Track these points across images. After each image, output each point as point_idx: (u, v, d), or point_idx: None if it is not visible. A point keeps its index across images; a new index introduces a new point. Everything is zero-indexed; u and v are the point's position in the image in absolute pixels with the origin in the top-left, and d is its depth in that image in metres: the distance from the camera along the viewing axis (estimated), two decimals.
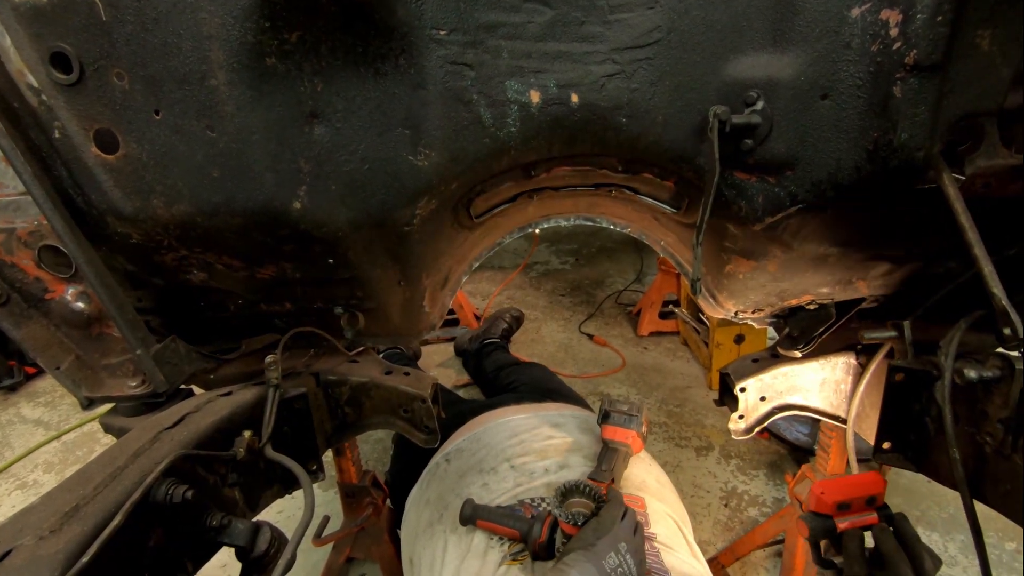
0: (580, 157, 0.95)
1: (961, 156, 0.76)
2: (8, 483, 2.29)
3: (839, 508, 0.94)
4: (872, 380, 1.21)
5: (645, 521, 1.09)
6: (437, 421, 1.24)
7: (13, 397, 2.83)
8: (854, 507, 0.95)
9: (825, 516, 0.95)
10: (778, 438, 2.18)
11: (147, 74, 0.75)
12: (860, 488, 0.95)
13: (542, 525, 0.96)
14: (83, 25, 0.72)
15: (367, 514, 1.58)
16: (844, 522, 0.94)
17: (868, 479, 0.96)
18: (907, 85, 0.69)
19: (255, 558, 0.79)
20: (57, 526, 0.65)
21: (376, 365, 1.28)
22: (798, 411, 1.32)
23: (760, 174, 0.83)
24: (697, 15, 0.75)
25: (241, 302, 1.11)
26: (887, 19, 0.67)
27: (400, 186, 0.85)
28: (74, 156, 0.81)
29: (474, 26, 0.75)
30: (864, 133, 0.75)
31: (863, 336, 1.13)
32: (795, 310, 1.16)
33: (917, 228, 0.91)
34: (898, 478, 2.02)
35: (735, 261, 1.01)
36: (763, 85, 0.76)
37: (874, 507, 0.95)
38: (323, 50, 0.76)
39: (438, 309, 1.26)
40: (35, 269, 0.92)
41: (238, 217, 0.85)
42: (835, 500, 0.94)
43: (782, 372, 1.27)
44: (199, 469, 0.83)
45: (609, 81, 0.79)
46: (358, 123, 0.80)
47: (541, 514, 0.98)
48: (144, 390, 1.01)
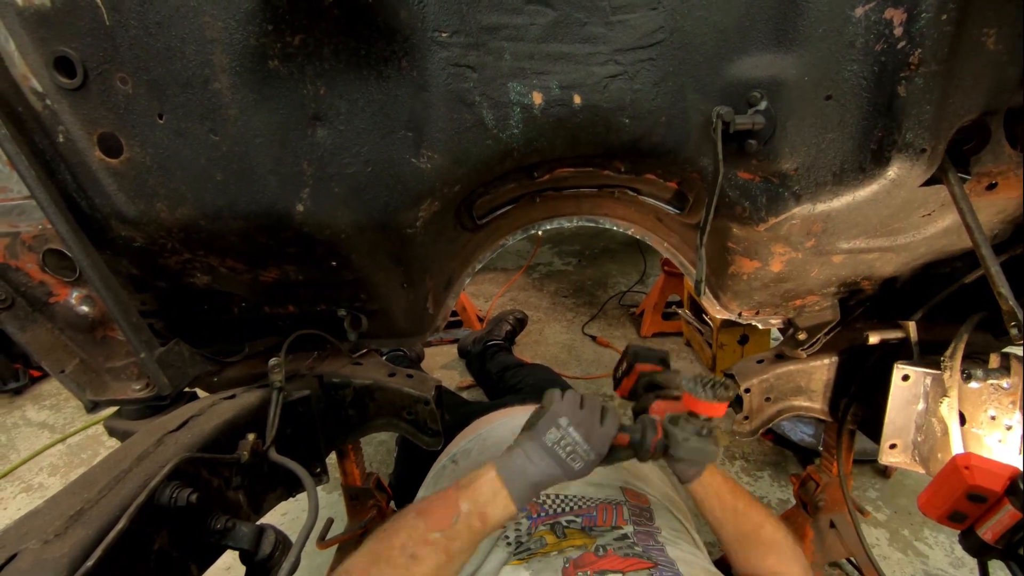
0: (583, 158, 0.95)
1: (967, 155, 0.76)
2: (13, 486, 2.29)
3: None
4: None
5: (649, 516, 1.08)
6: (441, 423, 1.23)
7: (18, 400, 2.84)
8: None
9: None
10: (783, 439, 2.17)
11: (150, 78, 0.75)
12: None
13: (655, 426, 0.97)
14: (87, 30, 0.73)
15: (371, 517, 1.58)
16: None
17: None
18: (912, 84, 0.68)
19: (259, 561, 0.79)
20: (62, 530, 0.65)
21: (379, 367, 1.28)
22: (803, 412, 1.31)
23: (764, 174, 0.82)
24: (700, 16, 0.74)
25: (244, 305, 1.12)
26: (891, 18, 0.67)
27: (403, 188, 0.85)
28: (78, 160, 0.81)
29: (476, 28, 0.75)
30: (868, 133, 0.74)
31: (868, 336, 1.13)
32: (800, 310, 1.15)
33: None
34: (904, 479, 2.01)
35: (739, 262, 1.01)
36: (766, 85, 0.75)
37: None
38: (326, 53, 0.76)
39: (441, 311, 1.26)
40: (39, 273, 0.93)
41: (241, 220, 0.85)
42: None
43: (787, 373, 1.26)
44: (203, 472, 0.83)
45: (612, 82, 0.78)
46: (361, 126, 0.81)
47: (649, 421, 0.98)
48: (148, 393, 1.02)
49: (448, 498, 0.87)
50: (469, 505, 0.86)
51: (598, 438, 0.92)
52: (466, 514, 0.85)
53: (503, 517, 0.87)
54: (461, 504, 0.86)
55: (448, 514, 0.85)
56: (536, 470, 0.89)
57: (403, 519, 0.86)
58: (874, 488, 1.99)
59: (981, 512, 0.78)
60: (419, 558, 0.81)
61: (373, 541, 0.84)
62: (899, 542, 1.79)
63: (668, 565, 0.93)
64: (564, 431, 0.90)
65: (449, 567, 0.84)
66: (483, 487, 0.88)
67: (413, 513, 0.86)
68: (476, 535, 0.86)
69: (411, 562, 0.81)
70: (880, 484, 2.00)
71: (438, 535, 0.83)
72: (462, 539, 0.85)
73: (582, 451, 0.90)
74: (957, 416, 1.00)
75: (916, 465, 1.09)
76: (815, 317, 1.15)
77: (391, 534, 0.84)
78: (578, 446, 0.90)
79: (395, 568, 0.80)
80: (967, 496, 0.78)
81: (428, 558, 0.82)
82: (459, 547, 0.84)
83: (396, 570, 0.80)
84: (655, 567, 0.90)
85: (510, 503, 0.87)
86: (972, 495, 0.77)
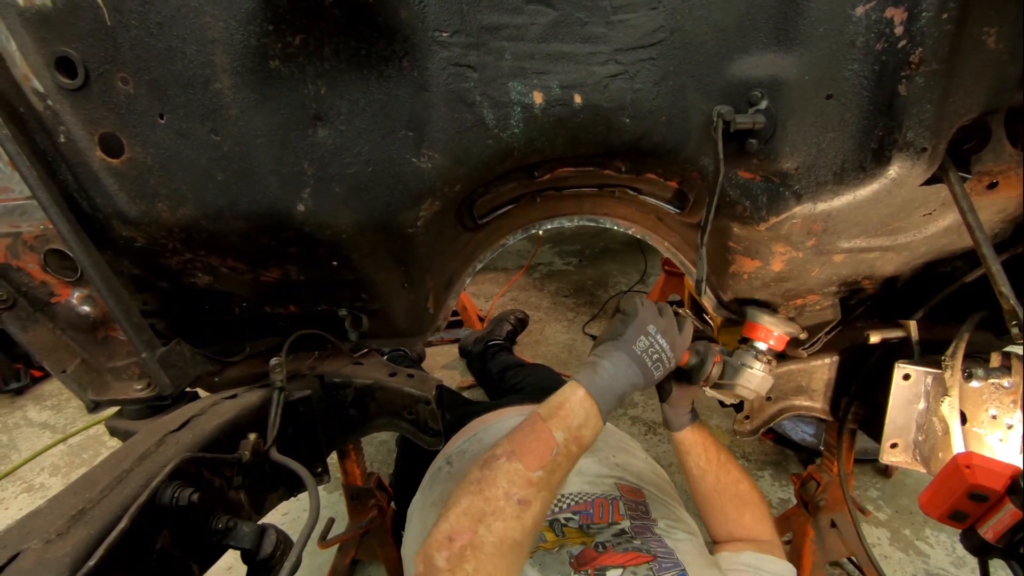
0: (583, 158, 0.95)
1: (967, 154, 0.76)
2: (15, 486, 2.29)
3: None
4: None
5: (645, 510, 1.09)
6: (442, 423, 1.23)
7: (20, 400, 2.84)
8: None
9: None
10: (784, 439, 2.17)
11: (151, 78, 0.75)
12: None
13: (715, 353, 0.98)
14: (88, 30, 0.73)
15: (372, 516, 1.58)
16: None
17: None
18: (912, 84, 0.68)
19: (261, 560, 0.79)
20: (64, 529, 0.65)
21: (380, 367, 1.28)
22: (804, 411, 1.31)
23: (764, 174, 0.82)
24: (700, 15, 0.74)
25: (246, 305, 1.12)
26: (892, 17, 0.67)
27: (404, 188, 0.85)
28: (79, 160, 0.81)
29: (477, 28, 0.75)
30: (869, 132, 0.74)
31: (869, 335, 1.12)
32: (801, 309, 1.15)
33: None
34: (905, 478, 2.01)
35: (739, 261, 1.01)
36: (767, 85, 0.75)
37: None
38: (326, 53, 0.76)
39: (442, 311, 1.26)
40: (41, 273, 0.93)
41: (242, 220, 0.85)
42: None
43: (788, 372, 1.26)
44: (205, 472, 0.83)
45: (612, 82, 0.78)
46: (361, 125, 0.81)
47: (711, 347, 0.99)
48: (149, 393, 1.02)
49: (539, 431, 0.81)
50: (564, 433, 0.81)
51: (680, 346, 0.92)
52: (563, 443, 0.81)
53: (594, 436, 0.84)
54: (556, 434, 0.81)
55: (547, 449, 0.80)
56: (624, 381, 0.86)
57: (495, 467, 0.79)
58: (875, 487, 1.99)
59: (982, 511, 0.78)
60: (528, 502, 0.76)
61: (466, 497, 0.77)
62: (900, 541, 1.79)
63: (667, 555, 0.93)
64: (653, 338, 0.89)
65: (551, 500, 0.81)
66: (575, 410, 0.84)
67: (504, 457, 0.80)
68: (573, 461, 0.83)
69: (521, 509, 0.76)
70: (881, 483, 2.00)
71: (540, 473, 0.78)
72: (562, 469, 0.81)
73: (666, 358, 0.90)
74: (958, 415, 1.00)
75: (917, 464, 1.09)
76: (816, 316, 1.15)
77: (488, 484, 0.77)
78: (664, 353, 0.89)
79: (506, 519, 0.75)
80: (968, 495, 0.78)
81: (536, 499, 0.77)
82: (559, 478, 0.81)
83: (508, 521, 0.75)
84: (654, 559, 0.91)
85: (600, 420, 0.84)
86: (973, 494, 0.77)
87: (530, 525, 0.77)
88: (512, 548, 0.75)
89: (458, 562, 0.72)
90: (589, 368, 0.88)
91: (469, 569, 0.71)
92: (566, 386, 0.87)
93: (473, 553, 0.72)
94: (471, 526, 0.74)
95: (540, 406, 0.86)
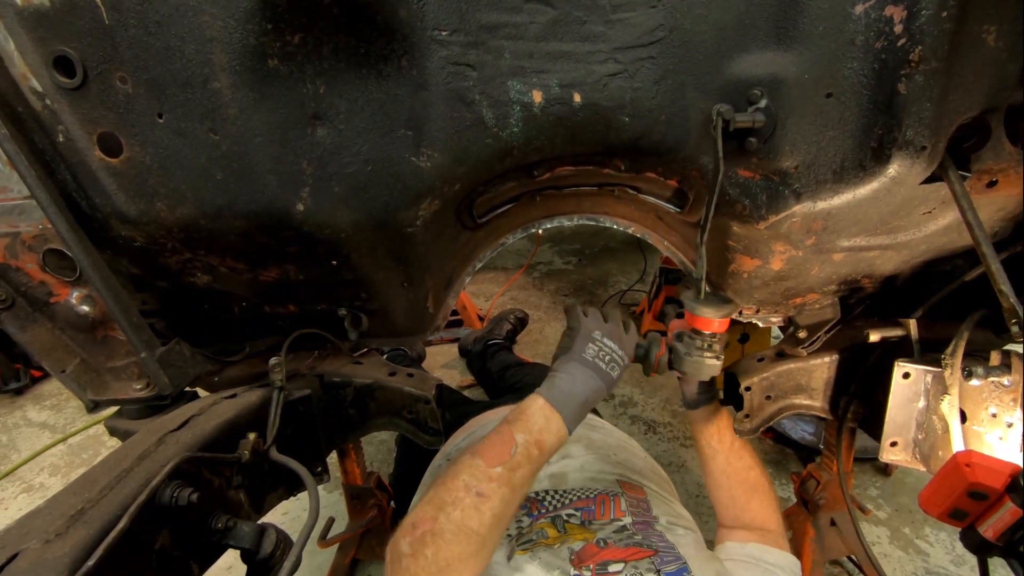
0: (583, 157, 0.95)
1: (967, 153, 0.76)
2: (15, 486, 2.29)
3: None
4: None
5: (646, 507, 1.09)
6: (441, 422, 1.23)
7: (19, 400, 2.84)
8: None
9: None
10: (783, 437, 2.17)
11: (150, 78, 0.75)
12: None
13: (659, 343, 1.05)
14: (86, 29, 0.73)
15: (372, 515, 1.58)
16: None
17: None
18: (912, 82, 0.68)
19: (261, 560, 0.79)
20: (63, 529, 0.65)
21: (380, 366, 1.28)
22: (804, 410, 1.31)
23: (764, 172, 0.82)
24: (700, 13, 0.74)
25: (245, 304, 1.12)
26: (891, 15, 0.67)
27: (403, 187, 0.85)
28: (78, 160, 0.81)
29: (476, 27, 0.75)
30: (869, 131, 0.74)
31: (869, 334, 1.12)
32: (800, 308, 1.15)
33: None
34: (905, 477, 2.01)
35: (739, 260, 1.01)
36: (767, 83, 0.75)
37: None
38: (325, 52, 0.76)
39: (442, 310, 1.26)
40: (40, 273, 0.93)
41: (241, 219, 0.85)
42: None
43: (788, 371, 1.26)
44: (204, 472, 0.83)
45: (611, 80, 0.78)
46: (360, 124, 0.80)
47: (655, 338, 1.06)
48: (149, 393, 1.02)
49: (503, 433, 0.88)
50: (524, 435, 0.87)
51: (627, 344, 0.99)
52: (523, 444, 0.86)
53: (558, 442, 0.90)
54: (516, 436, 0.87)
55: (506, 448, 0.85)
56: (581, 387, 0.92)
57: (459, 463, 0.85)
58: (875, 486, 1.99)
59: (982, 509, 0.78)
60: (486, 494, 0.81)
61: (432, 491, 0.83)
62: (900, 540, 1.79)
63: (669, 550, 0.94)
64: (600, 343, 0.95)
65: (514, 500, 0.85)
66: (535, 415, 0.90)
67: (469, 455, 0.86)
68: (535, 464, 0.87)
69: (479, 500, 0.81)
70: (881, 482, 2.00)
71: (500, 470, 0.83)
72: (523, 469, 0.85)
73: (618, 357, 0.96)
74: (958, 414, 1.00)
75: (917, 463, 1.09)
76: (815, 315, 1.15)
77: (451, 477, 0.83)
78: (614, 353, 0.96)
79: (464, 509, 0.80)
80: (968, 494, 0.78)
81: (494, 493, 0.82)
82: (521, 478, 0.85)
83: (465, 511, 0.80)
84: (656, 554, 0.92)
85: (563, 426, 0.90)
86: (973, 492, 0.78)
87: (488, 518, 0.81)
88: (468, 537, 0.78)
89: (419, 547, 0.77)
90: (548, 381, 0.95)
91: (428, 554, 0.76)
92: (528, 397, 0.94)
93: (433, 539, 0.77)
94: (433, 514, 0.79)
95: (508, 414, 0.92)
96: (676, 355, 1.05)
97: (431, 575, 0.76)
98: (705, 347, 1.03)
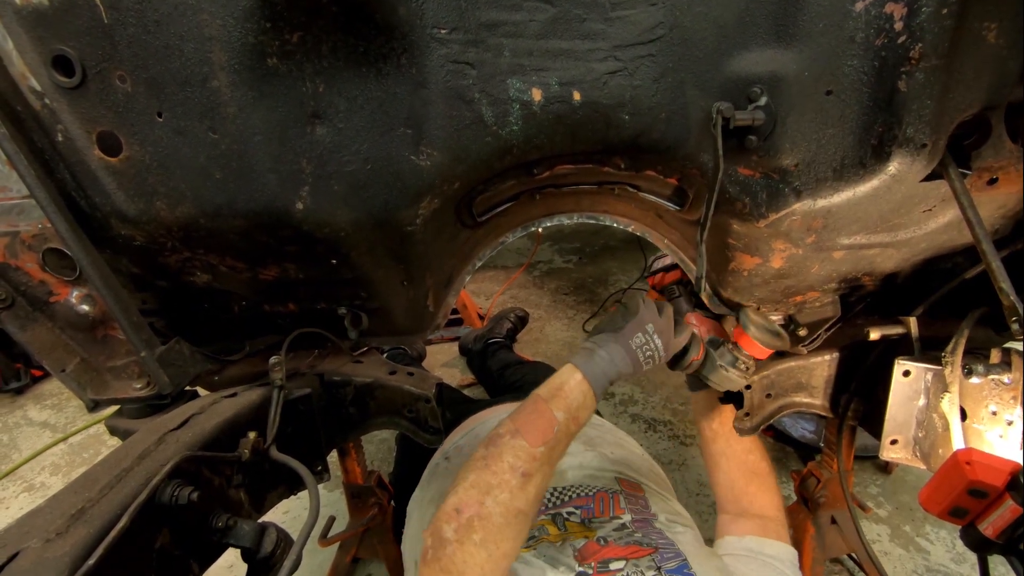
0: (582, 155, 0.95)
1: (967, 150, 0.76)
2: (16, 485, 2.30)
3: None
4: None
5: (645, 504, 1.10)
6: (442, 421, 1.23)
7: (20, 400, 2.84)
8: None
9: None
10: (784, 435, 2.17)
11: (149, 76, 0.75)
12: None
13: (699, 346, 1.04)
14: (85, 28, 0.72)
15: (372, 514, 1.58)
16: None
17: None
18: (912, 79, 0.68)
19: (261, 559, 0.79)
20: (63, 528, 0.65)
21: (380, 365, 1.28)
22: (804, 408, 1.31)
23: (764, 170, 0.82)
24: (699, 11, 0.74)
25: (245, 303, 1.12)
26: (891, 13, 0.67)
27: (402, 186, 0.85)
28: (77, 159, 0.81)
29: (475, 24, 0.75)
30: (869, 128, 0.74)
31: (869, 332, 1.12)
32: (801, 306, 1.15)
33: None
34: (905, 475, 2.01)
35: (739, 258, 1.01)
36: (767, 81, 0.75)
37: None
38: (324, 50, 0.76)
39: (442, 309, 1.26)
40: (39, 272, 0.93)
41: (241, 218, 0.85)
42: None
43: (788, 369, 1.26)
44: (204, 471, 0.83)
45: (611, 78, 0.78)
46: (360, 123, 0.80)
47: (697, 340, 1.06)
48: (149, 392, 1.02)
49: (541, 411, 0.88)
50: (564, 413, 0.88)
51: (672, 345, 0.98)
52: (564, 422, 0.87)
53: (588, 417, 0.92)
54: (557, 414, 0.88)
55: (548, 427, 0.86)
56: (615, 369, 0.92)
57: (500, 444, 0.85)
58: (875, 484, 1.99)
59: (982, 507, 0.78)
60: (531, 474, 0.82)
61: (473, 473, 0.83)
62: (900, 538, 1.79)
63: (668, 546, 0.94)
64: (649, 336, 0.95)
65: (552, 475, 0.87)
66: (574, 392, 0.90)
67: (509, 435, 0.86)
68: (570, 439, 0.89)
69: (525, 481, 0.82)
70: (881, 480, 2.00)
71: (542, 449, 0.84)
72: (562, 446, 0.88)
73: (658, 356, 0.96)
74: (958, 412, 1.00)
75: (917, 461, 1.09)
76: (816, 313, 1.15)
77: (494, 459, 0.84)
78: (657, 351, 0.95)
79: (512, 491, 0.81)
80: (968, 491, 0.78)
81: (538, 472, 0.83)
82: (559, 454, 0.87)
83: (514, 492, 0.81)
84: (656, 551, 0.92)
85: (593, 401, 0.91)
86: (973, 490, 0.78)
87: (533, 496, 0.82)
88: (517, 517, 0.80)
89: (466, 532, 0.76)
90: (586, 354, 0.93)
91: (476, 539, 0.76)
92: (563, 369, 0.93)
93: (480, 523, 0.77)
94: (478, 498, 0.79)
95: (540, 388, 0.92)
96: (709, 361, 1.04)
97: (480, 560, 0.75)
98: (741, 366, 1.03)
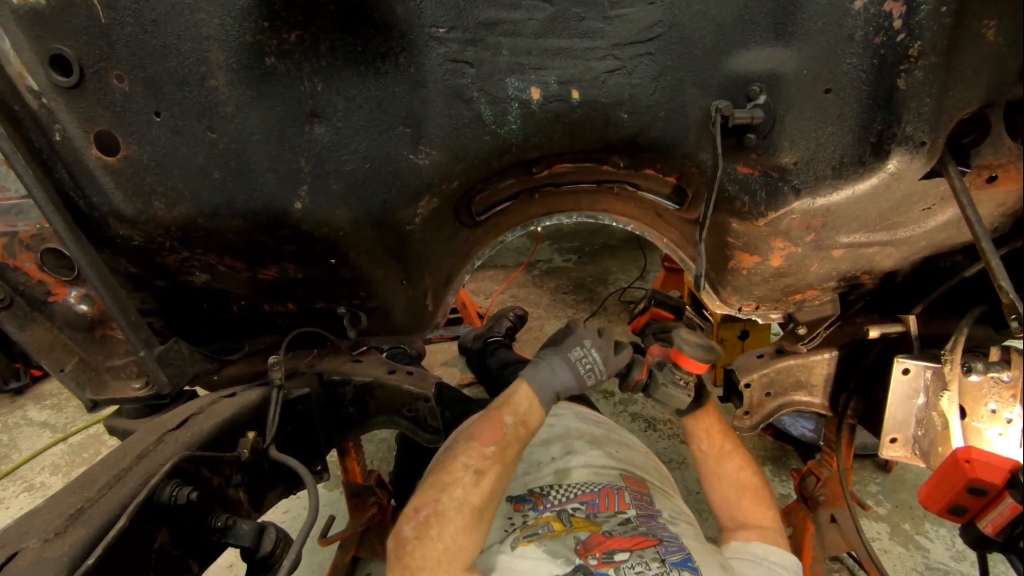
0: (581, 154, 0.94)
1: (966, 148, 0.76)
2: (15, 485, 2.29)
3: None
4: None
5: (649, 501, 1.10)
6: (441, 420, 1.23)
7: (20, 400, 2.84)
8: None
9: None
10: (783, 434, 2.17)
11: (147, 76, 0.75)
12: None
13: (642, 366, 1.14)
14: (82, 27, 0.72)
15: (372, 514, 1.58)
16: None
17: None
18: (911, 77, 0.68)
19: (260, 558, 0.79)
20: (62, 528, 0.65)
21: (379, 365, 1.28)
22: (803, 407, 1.31)
23: (763, 169, 0.82)
24: (698, 9, 0.74)
25: (244, 303, 1.11)
26: (890, 11, 0.66)
27: (401, 185, 0.85)
28: (75, 159, 0.81)
29: (474, 23, 0.74)
30: (868, 126, 0.74)
31: (868, 331, 1.12)
32: (800, 305, 1.15)
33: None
34: (905, 473, 2.01)
35: (738, 256, 1.01)
36: (765, 79, 0.75)
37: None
38: (322, 49, 0.75)
39: (441, 308, 1.26)
40: (38, 272, 0.93)
41: (239, 218, 0.85)
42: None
43: (787, 368, 1.26)
44: (204, 470, 0.83)
45: (610, 77, 0.78)
46: (358, 122, 0.80)
47: (639, 362, 1.15)
48: (148, 392, 1.02)
49: (492, 417, 0.97)
50: (512, 417, 0.97)
51: (612, 363, 1.07)
52: (512, 425, 0.96)
53: (539, 422, 1.00)
54: (505, 418, 0.96)
55: (497, 429, 0.95)
56: (558, 381, 1.01)
57: (455, 447, 0.94)
58: (875, 482, 1.99)
59: (982, 505, 0.79)
60: (483, 472, 0.89)
61: (432, 475, 0.91)
62: (900, 536, 1.79)
63: (673, 540, 0.95)
64: (587, 351, 1.04)
65: (506, 475, 0.94)
66: (520, 399, 1.00)
67: (463, 439, 0.95)
68: (522, 441, 0.98)
69: (477, 478, 0.89)
70: (881, 478, 2.00)
71: (493, 449, 0.92)
72: (512, 447, 0.95)
73: (598, 370, 1.04)
74: (957, 410, 1.00)
75: (917, 459, 1.09)
76: (815, 312, 1.15)
77: (449, 461, 0.91)
78: (596, 365, 1.04)
79: (464, 487, 0.87)
80: (967, 489, 0.78)
81: (490, 470, 0.90)
82: (511, 455, 0.95)
83: (466, 488, 0.87)
84: (660, 543, 0.93)
85: (541, 410, 1.00)
86: (972, 488, 0.78)
87: (487, 492, 0.89)
88: (471, 512, 0.86)
89: (424, 529, 0.83)
90: (532, 366, 1.04)
91: (433, 534, 0.82)
92: (515, 382, 1.04)
93: (436, 519, 0.84)
94: (435, 496, 0.86)
95: (494, 399, 1.01)
96: (653, 381, 1.13)
97: (437, 553, 0.81)
98: (681, 383, 1.12)
